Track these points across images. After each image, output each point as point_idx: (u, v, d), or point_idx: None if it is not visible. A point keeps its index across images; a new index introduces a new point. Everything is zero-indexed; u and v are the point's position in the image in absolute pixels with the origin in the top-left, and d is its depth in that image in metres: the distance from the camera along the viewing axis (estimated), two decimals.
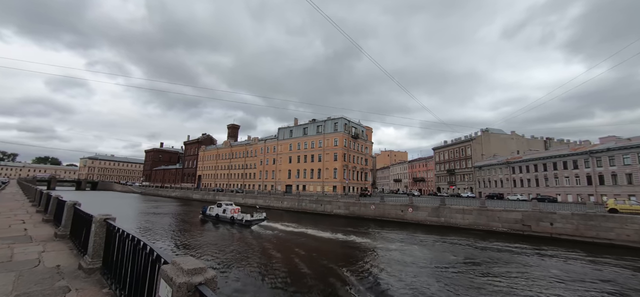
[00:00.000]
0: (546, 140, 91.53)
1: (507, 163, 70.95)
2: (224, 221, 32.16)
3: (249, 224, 29.56)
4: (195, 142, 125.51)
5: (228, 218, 31.82)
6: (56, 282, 4.40)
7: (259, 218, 31.47)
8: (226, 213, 32.58)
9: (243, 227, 28.86)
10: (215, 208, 34.97)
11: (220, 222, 32.46)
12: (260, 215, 32.44)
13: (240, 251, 19.86)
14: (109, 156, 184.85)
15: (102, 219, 4.81)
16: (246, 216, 30.92)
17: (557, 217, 25.02)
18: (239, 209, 33.66)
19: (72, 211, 7.49)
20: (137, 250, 3.19)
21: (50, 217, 10.37)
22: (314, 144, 71.18)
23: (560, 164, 58.52)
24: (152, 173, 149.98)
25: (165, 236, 25.78)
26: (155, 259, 2.67)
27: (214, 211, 34.62)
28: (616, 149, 48.79)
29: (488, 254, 19.41)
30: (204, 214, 36.19)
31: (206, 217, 35.38)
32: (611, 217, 23.08)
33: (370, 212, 38.42)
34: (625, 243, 21.40)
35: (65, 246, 6.83)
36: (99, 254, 4.80)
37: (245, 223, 29.72)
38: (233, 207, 33.34)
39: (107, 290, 4.08)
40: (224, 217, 32.50)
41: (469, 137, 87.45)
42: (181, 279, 1.94)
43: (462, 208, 30.96)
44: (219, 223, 32.10)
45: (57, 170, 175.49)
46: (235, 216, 31.42)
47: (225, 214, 32.58)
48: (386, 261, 17.60)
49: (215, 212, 34.41)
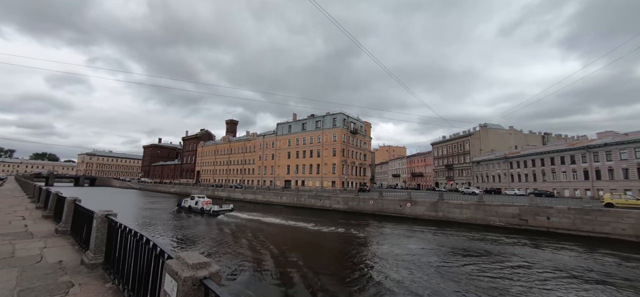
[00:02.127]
0: (544, 136, 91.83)
1: (505, 158, 71.26)
2: (196, 211, 35.72)
3: (216, 214, 33.31)
4: (193, 137, 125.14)
5: (199, 209, 35.39)
6: (59, 277, 4.44)
7: (227, 209, 35.52)
8: (198, 205, 36.03)
9: (211, 217, 32.48)
10: (189, 200, 38.44)
11: (193, 212, 35.96)
12: (228, 206, 36.63)
13: (214, 239, 22.25)
14: (107, 152, 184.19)
15: (103, 214, 4.84)
16: (214, 207, 34.53)
17: (553, 211, 25.27)
18: (210, 201, 36.96)
19: (73, 207, 7.52)
20: (140, 245, 3.23)
21: (50, 214, 10.39)
22: (312, 140, 71.16)
23: (557, 159, 58.85)
24: (150, 169, 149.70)
25: (148, 226, 27.98)
26: (159, 254, 2.72)
27: (188, 203, 38.06)
28: (613, 144, 49.07)
29: (485, 247, 19.62)
30: (179, 206, 39.79)
31: (181, 208, 38.89)
32: (607, 211, 23.34)
33: (368, 207, 38.62)
34: (620, 237, 21.68)
35: (67, 241, 6.87)
36: (101, 249, 4.84)
37: (213, 213, 33.46)
38: (205, 199, 36.82)
39: (110, 285, 4.13)
40: (195, 208, 36.07)
41: (467, 133, 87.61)
42: (186, 273, 1.99)
43: (460, 203, 31.19)
44: (191, 213, 35.63)
45: (55, 166, 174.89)
46: (205, 207, 34.95)
47: (197, 205, 36.03)
48: (361, 251, 17.79)
49: (188, 204, 37.91)
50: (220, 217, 32.44)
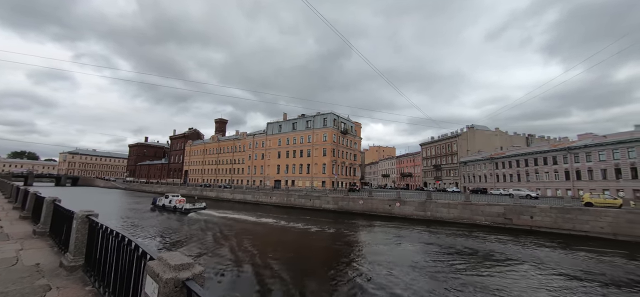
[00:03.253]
0: (528, 137, 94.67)
1: (490, 159, 73.06)
2: (169, 209, 37.01)
3: (187, 212, 34.90)
4: (181, 136, 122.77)
5: (172, 207, 36.73)
6: (36, 280, 4.26)
7: (199, 207, 37.36)
8: (171, 203, 37.32)
9: (182, 214, 34.04)
10: (163, 199, 39.71)
11: (166, 210, 37.08)
12: (201, 204, 38.73)
13: (193, 238, 22.67)
14: (90, 150, 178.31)
15: (84, 215, 4.67)
16: (186, 205, 36.11)
17: (536, 211, 26.06)
18: (184, 200, 38.30)
19: (52, 207, 7.23)
20: (122, 246, 3.13)
21: (28, 214, 9.97)
22: (303, 139, 71.02)
23: (540, 159, 60.79)
24: (136, 168, 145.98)
25: (126, 225, 28.25)
26: (141, 256, 2.63)
27: (162, 202, 39.38)
28: (593, 146, 51.04)
29: (471, 245, 20.03)
30: (154, 205, 41.03)
31: (155, 206, 40.26)
32: (587, 210, 24.25)
33: (358, 207, 38.83)
34: (598, 235, 22.56)
35: (45, 243, 6.60)
36: (81, 251, 4.67)
37: (184, 211, 35.01)
38: (178, 198, 38.17)
39: (90, 288, 3.99)
40: (169, 207, 37.34)
41: (455, 134, 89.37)
42: (168, 274, 1.93)
43: (447, 202, 31.75)
44: (165, 211, 36.83)
45: (35, 165, 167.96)
46: (178, 205, 36.25)
47: (171, 203, 37.32)
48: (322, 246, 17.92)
49: (162, 202, 39.26)
50: (191, 214, 34.03)
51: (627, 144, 46.24)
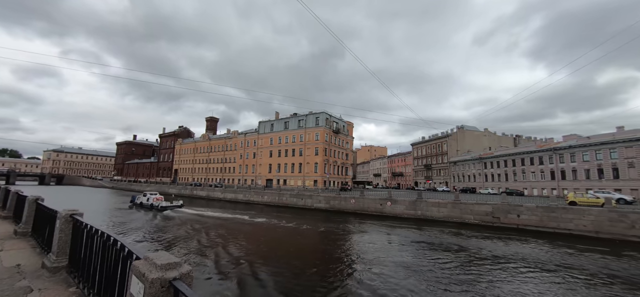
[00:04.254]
0: (515, 138, 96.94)
1: (479, 159, 74.45)
2: (146, 207, 38.18)
3: (163, 209, 36.05)
4: (171, 134, 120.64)
5: (149, 205, 37.90)
6: (16, 282, 4.10)
7: (176, 205, 38.57)
8: (149, 201, 38.46)
9: (158, 212, 35.20)
10: (141, 197, 40.82)
11: (144, 208, 38.35)
12: (178, 202, 40.00)
13: (157, 230, 24.58)
14: (76, 148, 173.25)
15: (67, 214, 4.53)
16: (163, 203, 37.14)
17: (523, 209, 26.68)
18: (162, 198, 39.08)
19: (35, 207, 6.99)
20: (107, 246, 3.05)
21: (9, 214, 9.62)
22: (295, 138, 70.82)
23: (527, 160, 62.30)
24: (124, 167, 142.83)
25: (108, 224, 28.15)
26: (127, 255, 2.57)
27: (140, 200, 40.47)
28: (577, 147, 52.60)
29: (460, 243, 20.36)
30: (132, 202, 42.15)
31: (134, 204, 41.21)
32: (570, 209, 24.98)
33: (350, 206, 38.98)
34: (582, 233, 23.27)
35: (27, 244, 6.38)
36: (65, 251, 4.53)
37: (160, 208, 36.15)
38: (156, 196, 39.30)
39: (74, 289, 3.87)
40: (146, 205, 38.43)
41: (445, 134, 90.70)
42: (154, 274, 1.88)
43: (437, 202, 32.19)
44: (142, 209, 38.10)
45: (17, 163, 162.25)
46: (155, 203, 37.41)
47: (149, 201, 38.44)
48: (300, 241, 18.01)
49: (140, 200, 40.36)
50: (167, 212, 35.31)
51: (609, 145, 47.83)
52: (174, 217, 31.43)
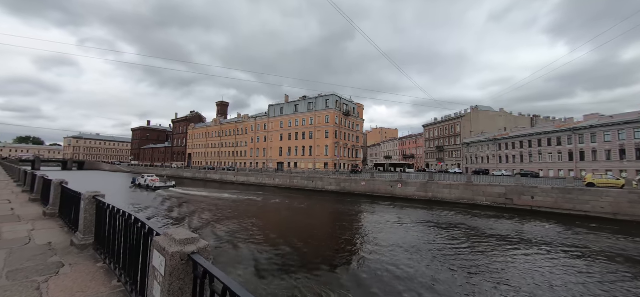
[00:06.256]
0: (533, 118, 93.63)
1: (494, 140, 72.67)
2: (144, 187, 45.09)
3: (157, 189, 43.13)
4: (183, 120, 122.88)
5: (146, 185, 44.81)
6: (49, 258, 4.44)
7: (168, 185, 46.24)
8: (146, 182, 45.53)
9: (152, 191, 41.72)
10: (140, 179, 48.36)
11: (141, 187, 45.47)
12: (171, 183, 47.93)
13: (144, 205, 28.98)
14: (94, 134, 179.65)
15: (91, 196, 4.80)
16: (156, 184, 44.39)
17: (538, 191, 26.17)
18: (158, 179, 46.81)
19: (60, 190, 7.40)
20: (129, 224, 3.24)
21: (37, 197, 10.22)
22: (305, 121, 70.84)
23: (544, 140, 60.35)
24: (140, 152, 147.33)
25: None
26: (148, 232, 2.74)
27: (139, 181, 48.02)
28: (598, 126, 50.45)
29: (472, 224, 20.32)
30: (133, 183, 49.52)
31: (134, 185, 48.68)
32: (588, 190, 24.32)
33: (361, 188, 39.21)
34: (599, 215, 22.73)
35: (55, 224, 6.81)
36: (91, 230, 4.83)
37: (154, 188, 43.16)
38: (153, 177, 46.97)
39: (101, 264, 4.15)
40: (144, 185, 45.46)
41: (458, 115, 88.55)
42: (174, 248, 2.01)
43: (449, 183, 31.94)
44: (139, 188, 45.42)
45: (41, 150, 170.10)
46: (150, 183, 44.41)
47: (145, 182, 45.51)
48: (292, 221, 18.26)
49: (139, 181, 47.91)
50: (159, 191, 41.72)
51: (634, 124, 45.62)
52: (163, 195, 37.44)
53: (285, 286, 10.14)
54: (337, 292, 9.76)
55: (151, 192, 41.13)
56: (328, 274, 11.42)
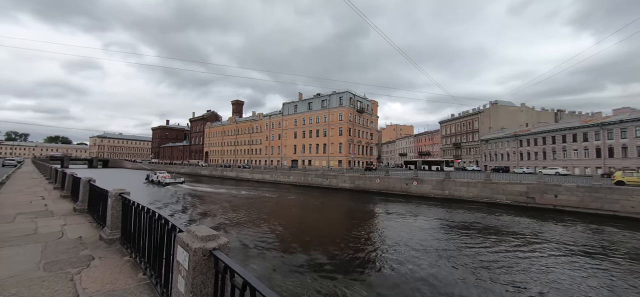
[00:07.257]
0: (557, 113, 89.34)
1: (514, 136, 70.03)
2: (155, 183, 49.10)
3: (167, 184, 46.88)
4: (200, 119, 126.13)
5: (157, 181, 48.73)
6: (80, 251, 4.74)
7: (178, 181, 50.41)
8: (158, 178, 49.38)
9: (162, 186, 45.45)
10: (153, 175, 52.00)
11: (153, 183, 49.66)
12: (180, 179, 52.39)
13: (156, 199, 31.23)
14: (117, 134, 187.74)
15: (117, 193, 5.07)
16: (167, 180, 48.30)
17: (562, 189, 25.05)
18: (169, 176, 50.78)
19: (88, 187, 7.85)
20: (153, 221, 3.42)
21: (68, 193, 10.86)
22: (319, 119, 70.97)
23: (569, 136, 57.52)
24: (160, 150, 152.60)
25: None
26: (171, 229, 2.89)
27: (151, 177, 51.83)
28: (629, 121, 47.55)
29: (492, 224, 19.77)
30: (147, 179, 52.87)
31: (147, 180, 52.18)
32: (617, 189, 23.03)
33: (375, 185, 38.93)
34: (629, 215, 21.49)
35: (85, 219, 7.23)
36: (117, 225, 5.11)
37: (165, 184, 46.98)
38: (164, 174, 50.82)
39: (128, 258, 4.40)
40: (156, 181, 49.33)
41: (477, 110, 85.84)
42: (197, 244, 2.13)
43: (466, 181, 31.14)
44: (152, 184, 49.15)
45: (69, 149, 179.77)
46: (162, 180, 48.21)
47: (157, 178, 49.41)
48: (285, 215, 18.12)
49: (151, 178, 51.68)
50: (168, 186, 45.29)
51: None
52: (171, 190, 40.92)
53: (301, 284, 10.27)
54: (353, 290, 9.80)
55: (162, 187, 45.00)
56: (343, 273, 11.46)
